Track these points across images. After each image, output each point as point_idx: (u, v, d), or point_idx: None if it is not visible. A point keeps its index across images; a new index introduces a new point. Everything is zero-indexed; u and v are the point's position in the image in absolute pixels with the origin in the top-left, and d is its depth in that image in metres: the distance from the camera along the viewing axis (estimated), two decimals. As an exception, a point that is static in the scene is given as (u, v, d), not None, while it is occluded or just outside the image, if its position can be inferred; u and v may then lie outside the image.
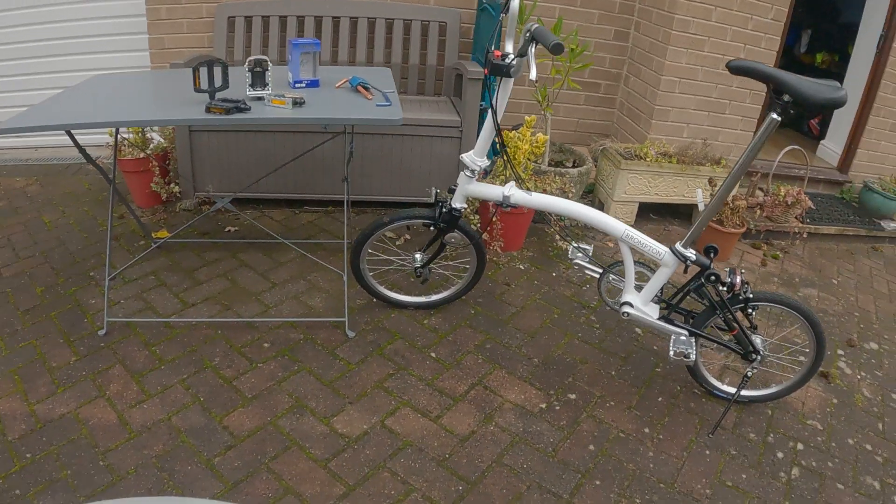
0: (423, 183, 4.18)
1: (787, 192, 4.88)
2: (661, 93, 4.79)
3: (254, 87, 2.80)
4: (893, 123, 5.90)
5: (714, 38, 4.72)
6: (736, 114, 5.07)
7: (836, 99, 2.42)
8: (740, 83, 4.95)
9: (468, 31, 4.63)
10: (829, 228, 5.36)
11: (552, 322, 3.51)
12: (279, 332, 3.13)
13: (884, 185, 5.75)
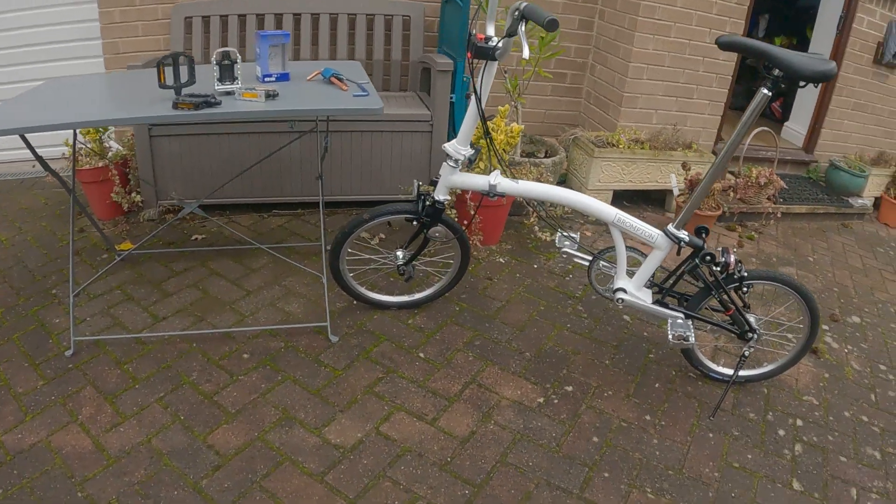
0: (395, 180, 4.08)
1: (759, 173, 4.89)
2: (629, 80, 4.75)
3: (222, 81, 2.66)
4: (856, 103, 5.97)
5: (680, 24, 4.70)
6: (703, 98, 5.06)
7: (827, 71, 2.40)
8: (707, 68, 4.94)
9: (432, 24, 4.54)
10: (800, 208, 5.39)
11: (539, 314, 3.43)
12: (258, 341, 2.99)
13: (849, 163, 5.82)
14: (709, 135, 5.24)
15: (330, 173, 3.91)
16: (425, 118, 3.98)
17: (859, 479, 2.70)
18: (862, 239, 5.49)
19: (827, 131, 6.00)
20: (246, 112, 2.55)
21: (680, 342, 2.82)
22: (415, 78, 4.43)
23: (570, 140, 4.82)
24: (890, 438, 2.99)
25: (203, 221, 3.88)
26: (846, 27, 5.58)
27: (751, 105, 2.52)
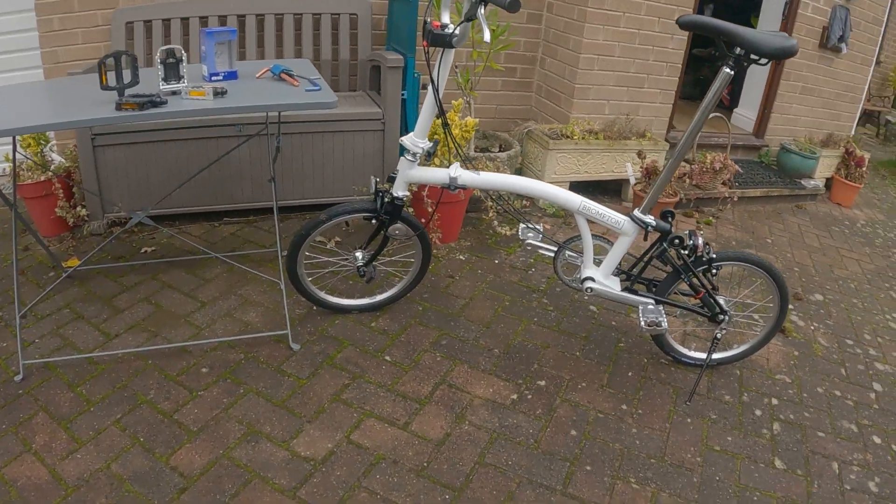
0: (348, 181, 3.97)
1: (714, 158, 4.90)
2: (580, 71, 4.72)
3: (167, 80, 2.52)
4: (803, 87, 6.05)
5: (629, 14, 4.69)
6: (655, 87, 5.06)
7: (789, 47, 2.38)
8: (657, 57, 4.94)
9: (380, 21, 4.45)
10: (754, 191, 5.43)
11: (504, 310, 3.36)
12: (216, 354, 2.84)
13: (800, 146, 5.88)
14: (661, 123, 5.24)
15: (281, 177, 3.78)
16: (377, 116, 3.88)
17: (839, 452, 2.70)
18: (817, 219, 5.56)
19: (776, 115, 6.07)
20: (194, 111, 2.42)
21: (653, 328, 2.77)
22: (364, 77, 4.33)
23: (524, 133, 4.77)
24: (864, 411, 3.00)
25: (152, 233, 3.71)
26: (791, 13, 5.65)
27: (714, 84, 2.50)
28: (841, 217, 5.82)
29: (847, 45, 6.03)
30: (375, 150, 3.96)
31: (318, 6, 4.12)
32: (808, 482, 2.52)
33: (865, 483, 2.57)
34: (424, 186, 3.61)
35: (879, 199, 6.84)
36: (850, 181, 6.08)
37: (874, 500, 2.51)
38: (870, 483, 2.58)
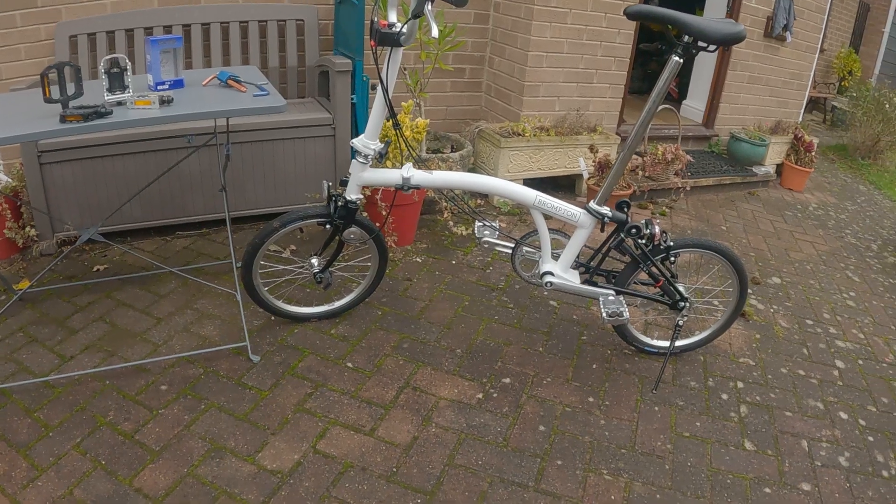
0: (300, 189, 3.90)
1: (666, 149, 4.93)
2: (529, 69, 4.71)
3: (112, 90, 2.44)
4: (750, 76, 6.14)
5: (576, 10, 4.70)
6: (603, 82, 5.08)
7: (737, 33, 2.41)
8: (605, 52, 4.97)
9: (327, 27, 4.39)
10: (706, 180, 5.48)
11: (464, 310, 3.32)
12: (175, 370, 2.76)
13: (749, 134, 5.96)
14: (611, 117, 5.26)
15: (233, 188, 3.70)
16: (327, 122, 3.82)
17: (807, 430, 2.72)
18: (769, 204, 5.64)
19: (725, 105, 6.15)
20: (140, 120, 2.34)
21: (614, 319, 2.76)
22: (312, 83, 4.27)
23: (475, 133, 4.75)
24: (829, 388, 3.03)
25: (104, 251, 3.60)
26: (736, 4, 5.73)
27: (663, 73, 2.51)
28: (793, 201, 5.91)
29: (792, 34, 6.15)
30: (327, 156, 3.90)
31: (263, 13, 4.05)
32: (779, 461, 2.53)
33: (836, 458, 2.60)
34: (378, 190, 3.56)
35: (830, 183, 6.97)
36: (800, 166, 6.19)
37: (845, 473, 2.54)
38: (840, 458, 2.61)
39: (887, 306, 4.07)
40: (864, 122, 8.31)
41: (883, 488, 2.50)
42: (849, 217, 5.85)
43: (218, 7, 3.98)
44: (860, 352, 3.43)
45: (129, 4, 3.84)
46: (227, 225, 3.07)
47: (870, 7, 14.06)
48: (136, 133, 3.40)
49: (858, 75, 11.99)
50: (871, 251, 5.06)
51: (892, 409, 2.99)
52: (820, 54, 8.48)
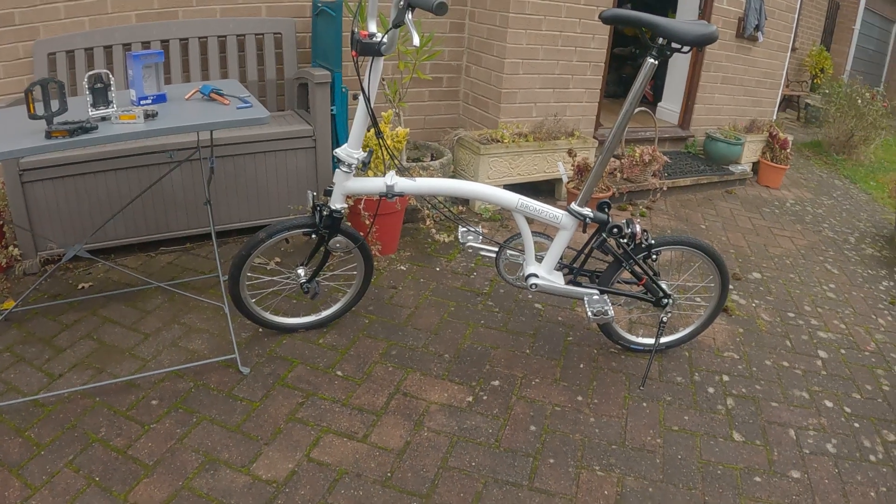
0: (283, 201, 3.91)
1: (643, 151, 4.99)
2: (505, 76, 4.76)
3: (96, 106, 2.45)
4: (724, 76, 6.23)
5: (550, 17, 4.76)
6: (580, 87, 5.14)
7: (709, 34, 2.46)
8: (580, 57, 5.02)
9: (305, 39, 4.42)
10: (684, 180, 5.55)
11: (451, 315, 3.35)
12: (165, 385, 2.75)
13: (725, 133, 6.04)
14: (588, 122, 5.32)
15: (217, 201, 3.71)
16: (307, 133, 3.84)
17: (794, 420, 2.77)
18: (747, 202, 5.71)
19: (700, 106, 6.22)
20: (125, 134, 2.35)
21: (599, 318, 2.79)
22: (292, 96, 4.29)
23: (455, 141, 4.78)
24: (813, 378, 3.09)
25: (89, 268, 3.59)
26: (707, 6, 5.81)
27: (639, 75, 2.56)
28: (770, 198, 5.99)
29: (763, 34, 6.24)
30: (309, 168, 3.92)
31: (241, 28, 4.07)
32: (768, 451, 2.58)
33: (823, 445, 2.66)
34: (360, 200, 3.58)
35: (806, 179, 7.07)
36: (776, 163, 6.28)
37: (833, 459, 2.59)
38: (827, 445, 2.66)
39: (867, 296, 4.14)
40: (837, 118, 8.44)
41: (871, 472, 2.55)
42: (826, 211, 5.94)
43: (196, 22, 4.00)
44: (842, 341, 3.50)
45: (107, 21, 3.85)
46: (212, 238, 3.08)
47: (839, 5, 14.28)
48: (118, 150, 3.40)
49: (830, 72, 12.17)
50: (849, 243, 5.14)
51: (876, 396, 3.05)
52: (792, 53, 8.62)
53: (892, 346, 3.54)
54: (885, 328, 3.74)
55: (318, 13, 4.20)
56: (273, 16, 4.27)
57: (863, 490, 2.46)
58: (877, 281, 4.45)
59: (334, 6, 3.92)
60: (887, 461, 2.63)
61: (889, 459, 2.64)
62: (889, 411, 2.96)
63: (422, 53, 4.16)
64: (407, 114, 4.89)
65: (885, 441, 2.75)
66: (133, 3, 3.90)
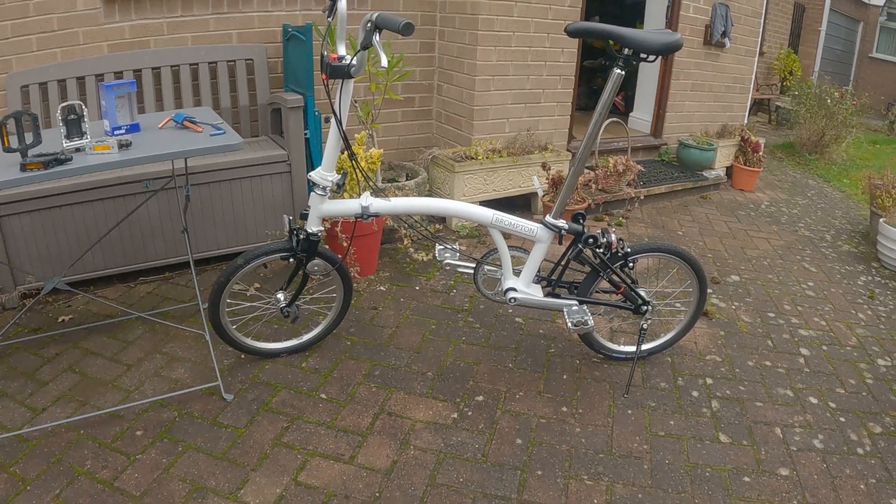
0: (260, 227, 3.91)
1: (616, 161, 5.03)
2: (477, 93, 4.79)
3: (70, 137, 2.45)
4: (693, 83, 6.30)
5: (519, 33, 4.80)
6: (551, 101, 5.18)
7: (673, 42, 2.49)
8: (550, 71, 5.06)
9: (276, 64, 4.43)
10: (659, 188, 5.59)
11: (432, 333, 3.35)
12: (149, 415, 2.73)
13: (697, 140, 6.10)
14: (561, 135, 5.35)
15: (194, 229, 3.70)
16: (282, 158, 3.84)
17: (779, 418, 2.79)
18: (722, 206, 5.76)
19: (671, 114, 6.29)
20: (100, 164, 2.35)
21: (580, 328, 2.80)
22: (265, 121, 4.30)
23: (429, 160, 4.80)
24: (796, 376, 3.12)
25: (68, 301, 3.57)
26: (674, 15, 5.89)
27: (607, 86, 2.58)
28: (745, 201, 6.05)
29: (730, 40, 6.33)
30: (284, 193, 3.92)
31: (213, 55, 4.08)
32: (755, 450, 2.60)
33: (810, 441, 2.68)
34: (337, 222, 3.58)
35: (779, 181, 7.15)
36: (749, 167, 6.35)
37: (821, 455, 2.62)
38: (814, 441, 2.69)
39: (846, 292, 4.19)
40: (808, 119, 8.55)
41: (859, 465, 2.58)
42: (801, 211, 6.01)
43: (167, 51, 4.00)
44: (823, 338, 3.53)
45: (79, 52, 3.85)
46: (190, 267, 3.07)
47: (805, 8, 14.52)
48: (94, 181, 3.39)
49: (799, 74, 12.34)
50: (826, 241, 5.20)
51: (860, 390, 3.08)
52: (760, 57, 8.74)
53: (874, 340, 3.58)
54: (866, 322, 3.78)
55: (288, 38, 4.22)
56: (244, 42, 4.28)
57: (852, 483, 2.48)
58: (854, 276, 4.50)
59: (304, 30, 3.94)
60: (875, 453, 2.66)
61: (877, 451, 2.67)
62: (874, 404, 2.99)
63: (393, 74, 4.18)
64: (380, 135, 4.91)
65: (871, 433, 2.78)
66: (104, 33, 3.90)
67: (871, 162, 8.59)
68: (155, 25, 4.02)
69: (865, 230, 5.57)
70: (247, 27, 4.30)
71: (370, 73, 4.15)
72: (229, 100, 4.20)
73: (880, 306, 4.05)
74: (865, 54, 17.93)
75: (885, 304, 4.08)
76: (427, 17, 4.98)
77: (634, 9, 7.16)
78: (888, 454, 2.66)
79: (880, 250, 4.82)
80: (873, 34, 17.82)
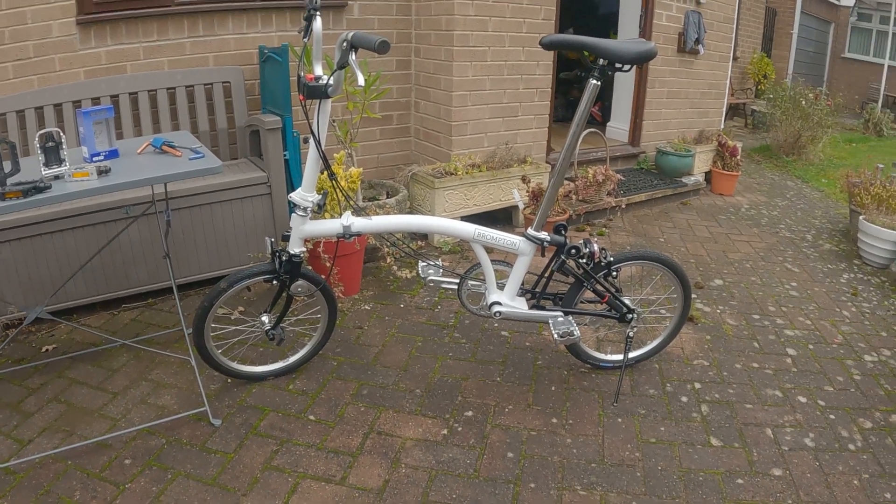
0: (242, 250, 3.89)
1: (596, 171, 5.05)
2: (454, 109, 4.80)
3: (49, 165, 2.43)
4: (669, 91, 6.35)
5: (494, 47, 4.83)
6: (528, 114, 5.20)
7: (647, 51, 2.52)
8: (526, 85, 5.09)
9: (253, 86, 4.43)
10: (639, 196, 5.62)
11: (418, 350, 3.34)
12: (137, 443, 2.70)
13: (675, 147, 6.15)
14: (540, 147, 5.37)
15: (175, 254, 3.67)
16: (262, 180, 3.83)
17: (769, 419, 2.80)
18: (703, 211, 5.80)
19: (648, 122, 6.33)
20: (80, 192, 2.34)
21: (566, 339, 2.80)
22: (244, 143, 4.28)
23: (409, 177, 4.80)
24: (784, 376, 3.14)
25: (51, 330, 3.53)
26: (647, 24, 5.94)
27: (583, 97, 2.60)
28: (725, 205, 6.09)
29: (704, 46, 6.39)
30: (266, 215, 3.90)
31: (190, 78, 4.07)
32: (747, 452, 2.61)
33: (801, 440, 2.70)
34: (320, 242, 3.57)
35: (758, 183, 7.21)
36: (727, 171, 6.40)
37: (813, 453, 2.63)
38: (805, 440, 2.71)
39: (829, 290, 4.22)
40: (783, 121, 8.64)
41: (852, 461, 2.60)
42: (781, 213, 6.06)
43: (144, 75, 3.99)
44: (809, 337, 3.56)
45: (56, 79, 3.83)
46: (173, 292, 3.04)
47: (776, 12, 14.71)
48: (74, 208, 3.36)
49: (773, 77, 12.48)
50: (807, 241, 5.24)
51: (848, 386, 3.11)
52: (734, 62, 8.83)
53: (859, 336, 3.61)
54: (850, 319, 3.82)
55: (264, 59, 4.22)
56: (220, 65, 4.28)
57: (846, 479, 2.49)
58: (837, 274, 4.54)
59: (280, 52, 3.94)
60: (866, 448, 2.68)
61: (868, 446, 2.69)
62: (863, 400, 3.01)
63: (370, 93, 4.19)
64: (359, 153, 4.91)
65: (861, 429, 2.80)
66: (81, 59, 3.89)
67: (848, 160, 8.68)
68: (131, 50, 4.02)
69: (846, 228, 5.63)
70: (223, 50, 4.31)
71: (347, 93, 4.15)
72: (207, 123, 4.19)
73: (864, 303, 4.08)
74: (838, 55, 18.19)
75: (869, 301, 4.12)
76: (402, 34, 5.00)
77: (608, 19, 7.22)
78: (880, 449, 2.68)
79: (861, 247, 4.86)
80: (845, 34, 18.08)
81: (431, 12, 4.80)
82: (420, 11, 4.94)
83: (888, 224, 4.70)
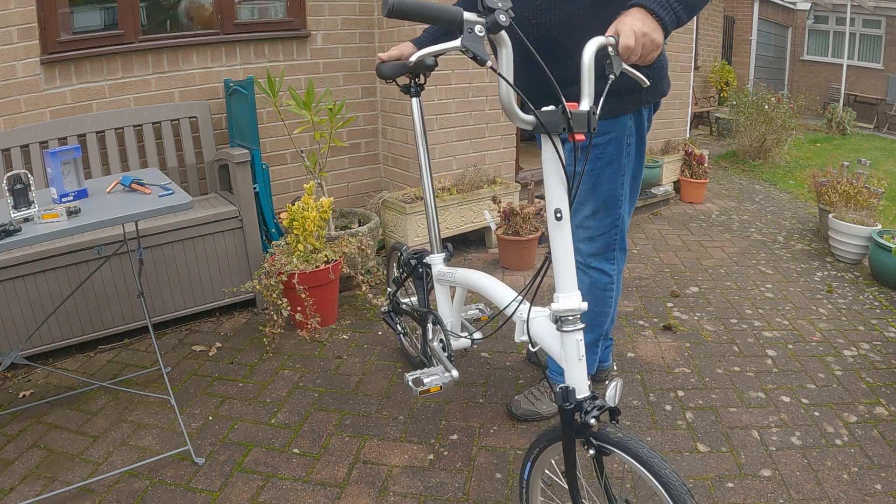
0: (216, 285, 3.86)
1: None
2: (422, 132, 4.80)
3: (17, 207, 2.40)
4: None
5: (458, 70, 4.85)
6: (495, 134, 5.21)
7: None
8: (492, 106, 5.10)
9: (220, 120, 4.41)
10: (611, 208, 5.63)
11: (399, 377, 3.31)
12: (120, 486, 2.64)
13: (643, 157, 6.19)
14: (508, 167, 5.39)
15: (150, 293, 3.63)
16: (233, 214, 3.81)
17: (755, 421, 2.82)
18: (673, 220, 5.85)
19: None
20: (50, 233, 2.31)
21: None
22: (213, 178, 4.26)
23: (380, 204, 4.79)
24: (766, 377, 3.16)
25: (28, 375, 3.46)
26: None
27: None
28: (696, 213, 6.15)
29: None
30: (238, 248, 3.88)
31: (156, 115, 4.05)
32: (735, 455, 2.61)
33: (788, 439, 2.71)
34: (294, 274, 3.54)
35: (727, 189, 7.30)
36: (696, 179, 6.47)
37: (801, 451, 2.65)
38: (792, 438, 2.72)
39: (804, 290, 4.27)
40: (747, 127, 8.77)
41: (840, 455, 2.61)
42: (751, 216, 6.13)
43: (111, 113, 3.96)
44: (788, 337, 3.59)
45: (22, 120, 3.79)
46: (149, 331, 3.00)
47: (735, 19, 14.98)
48: (45, 250, 3.33)
49: (735, 84, 12.68)
50: (779, 243, 5.30)
51: (830, 383, 3.14)
52: (695, 72, 8.95)
53: (837, 332, 3.64)
54: (827, 316, 3.86)
55: (230, 93, 4.21)
56: (186, 100, 4.26)
57: (835, 474, 2.51)
58: (811, 273, 4.59)
59: (245, 84, 3.94)
60: (853, 442, 2.70)
61: (855, 440, 2.71)
62: (846, 394, 3.04)
63: (336, 121, 4.18)
64: (329, 182, 4.90)
65: (847, 423, 2.82)
66: (46, 99, 3.86)
67: (814, 160, 8.83)
68: (96, 88, 3.99)
69: (816, 227, 5.70)
70: (188, 84, 4.29)
71: (314, 122, 4.15)
72: (176, 159, 4.17)
73: (839, 299, 4.13)
74: (797, 58, 18.55)
75: (844, 297, 4.17)
76: (366, 62, 5.01)
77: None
78: (866, 441, 2.70)
79: (832, 245, 4.92)
80: (803, 37, 18.46)
81: (394, 38, 4.81)
82: (383, 38, 4.96)
83: (857, 220, 4.77)
